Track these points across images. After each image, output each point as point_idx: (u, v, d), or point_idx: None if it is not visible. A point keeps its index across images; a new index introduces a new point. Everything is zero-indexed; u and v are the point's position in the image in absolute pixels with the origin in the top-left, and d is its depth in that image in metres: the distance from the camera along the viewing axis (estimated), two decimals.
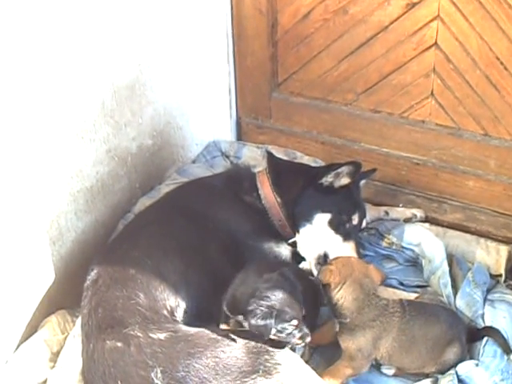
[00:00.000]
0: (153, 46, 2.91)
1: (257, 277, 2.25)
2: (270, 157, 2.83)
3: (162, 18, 2.92)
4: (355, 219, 2.68)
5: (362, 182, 2.87)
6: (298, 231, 2.67)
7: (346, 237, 2.65)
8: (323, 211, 2.64)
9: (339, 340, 2.33)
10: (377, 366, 2.39)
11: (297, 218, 2.66)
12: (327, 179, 2.63)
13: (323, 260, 2.63)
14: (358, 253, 2.66)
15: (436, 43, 2.85)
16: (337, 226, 2.64)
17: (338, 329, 2.34)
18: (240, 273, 2.32)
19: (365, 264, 2.40)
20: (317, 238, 2.65)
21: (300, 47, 3.19)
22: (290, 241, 2.69)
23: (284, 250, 2.69)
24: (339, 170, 2.61)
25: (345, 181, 2.64)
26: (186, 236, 2.49)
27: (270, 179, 2.70)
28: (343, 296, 2.28)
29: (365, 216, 2.78)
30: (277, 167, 2.77)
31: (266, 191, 2.69)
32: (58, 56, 2.43)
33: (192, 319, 2.36)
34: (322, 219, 2.64)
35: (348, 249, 2.63)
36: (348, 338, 2.31)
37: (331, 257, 2.61)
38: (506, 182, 2.95)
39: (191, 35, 3.13)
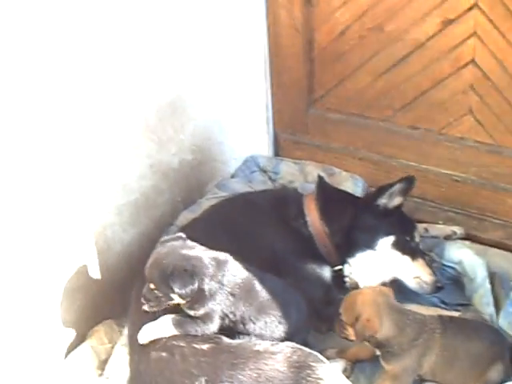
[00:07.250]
0: (193, 67, 2.97)
1: None
2: (321, 182, 2.77)
3: (202, 41, 2.98)
4: (416, 236, 2.65)
5: None
6: (351, 257, 2.64)
7: (414, 255, 2.62)
8: (386, 234, 2.61)
9: (382, 363, 2.29)
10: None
11: (352, 245, 2.63)
12: (382, 200, 2.60)
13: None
14: (431, 267, 2.63)
15: (473, 60, 2.84)
16: (402, 246, 2.61)
17: (378, 352, 2.30)
18: None
19: (375, 288, 2.37)
20: (381, 263, 2.62)
21: (336, 64, 3.20)
22: (336, 268, 2.65)
23: (326, 273, 2.65)
24: (392, 190, 2.59)
25: (398, 200, 2.62)
26: (229, 253, 2.49)
27: (319, 205, 2.67)
28: (385, 329, 2.23)
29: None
30: (326, 193, 2.72)
31: (313, 218, 2.65)
32: (108, 79, 2.53)
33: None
34: (385, 243, 2.61)
35: (419, 267, 2.61)
36: (393, 361, 2.27)
37: (404, 279, 2.62)
38: None
39: (229, 55, 3.18)
